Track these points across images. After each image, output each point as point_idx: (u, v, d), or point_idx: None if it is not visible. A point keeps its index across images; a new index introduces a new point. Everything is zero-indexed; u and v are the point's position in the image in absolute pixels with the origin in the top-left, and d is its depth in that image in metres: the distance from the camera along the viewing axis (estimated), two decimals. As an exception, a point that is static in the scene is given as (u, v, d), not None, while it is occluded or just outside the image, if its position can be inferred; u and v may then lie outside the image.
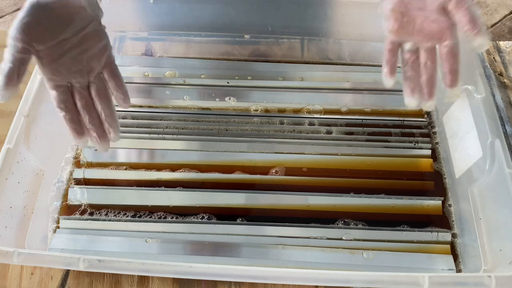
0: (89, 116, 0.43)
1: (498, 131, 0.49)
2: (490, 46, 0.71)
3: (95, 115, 0.43)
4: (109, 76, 0.44)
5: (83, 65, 0.42)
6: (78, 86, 0.42)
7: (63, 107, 0.42)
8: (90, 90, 0.43)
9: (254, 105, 0.63)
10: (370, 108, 0.63)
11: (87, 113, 0.43)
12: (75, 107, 0.43)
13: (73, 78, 0.42)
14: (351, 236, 0.51)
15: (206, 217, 0.53)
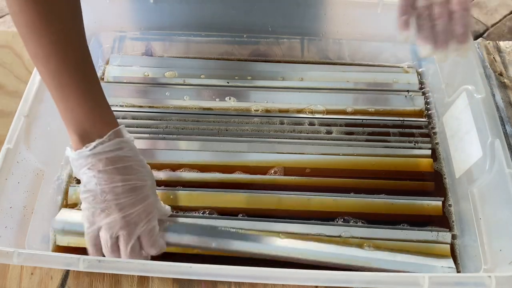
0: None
1: (498, 131, 0.49)
2: (490, 46, 0.71)
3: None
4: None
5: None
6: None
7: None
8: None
9: (254, 105, 0.63)
10: (370, 108, 0.63)
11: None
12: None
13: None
14: (350, 234, 0.51)
15: (207, 212, 0.53)
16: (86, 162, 0.41)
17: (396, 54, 0.68)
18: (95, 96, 0.42)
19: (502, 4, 1.65)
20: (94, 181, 0.41)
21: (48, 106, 0.54)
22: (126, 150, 0.42)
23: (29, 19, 0.37)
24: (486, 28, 1.58)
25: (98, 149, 0.40)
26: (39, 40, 0.38)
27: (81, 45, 0.41)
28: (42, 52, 0.39)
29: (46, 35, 0.38)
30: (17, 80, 0.65)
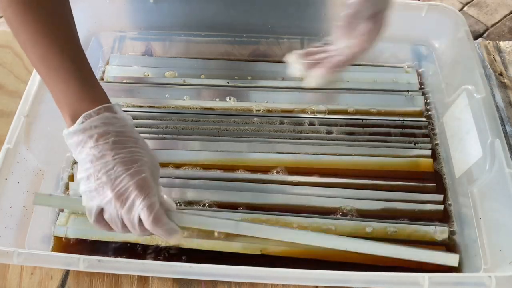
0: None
1: (498, 131, 0.49)
2: (490, 46, 0.71)
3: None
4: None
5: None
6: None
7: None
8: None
9: (254, 105, 0.63)
10: (370, 108, 0.63)
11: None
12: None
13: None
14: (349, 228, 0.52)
15: (207, 204, 0.54)
16: (78, 139, 0.40)
17: (396, 54, 0.68)
18: (83, 76, 0.42)
19: (502, 4, 1.65)
20: (88, 159, 0.40)
21: (48, 106, 0.54)
22: (118, 126, 0.41)
23: (18, 10, 0.40)
24: (486, 28, 1.58)
25: (86, 124, 0.40)
26: (28, 28, 0.40)
27: (68, 29, 0.42)
28: (30, 38, 0.41)
29: (35, 23, 0.40)
30: (17, 80, 0.65)
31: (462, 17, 0.60)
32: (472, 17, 1.61)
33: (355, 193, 0.55)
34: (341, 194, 0.55)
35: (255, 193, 0.54)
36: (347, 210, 0.54)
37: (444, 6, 0.62)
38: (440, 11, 0.62)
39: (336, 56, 0.43)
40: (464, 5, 1.66)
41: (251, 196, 0.54)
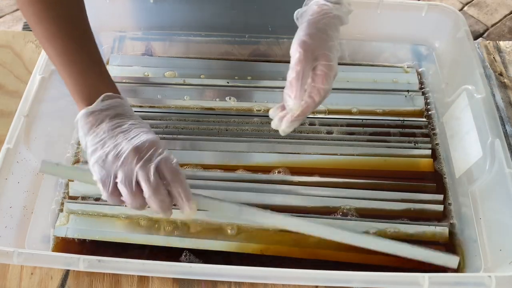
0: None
1: (498, 131, 0.49)
2: (490, 46, 0.71)
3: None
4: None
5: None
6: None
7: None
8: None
9: (254, 105, 0.63)
10: (370, 108, 0.63)
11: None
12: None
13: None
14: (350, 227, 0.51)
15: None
16: (87, 120, 0.42)
17: (396, 54, 0.68)
18: (98, 72, 0.45)
19: (502, 4, 1.65)
20: (102, 132, 0.42)
21: (48, 106, 0.54)
22: (123, 108, 0.44)
23: (36, 9, 0.43)
24: (486, 28, 1.59)
25: (106, 104, 0.43)
26: (47, 25, 0.43)
27: (84, 25, 0.45)
28: (49, 34, 0.43)
29: (53, 19, 0.43)
30: (17, 80, 0.65)
31: (462, 17, 0.60)
32: (472, 17, 1.61)
33: (355, 193, 0.55)
34: (341, 194, 0.55)
35: (255, 193, 0.54)
36: (347, 209, 0.54)
37: (444, 6, 0.62)
38: (440, 11, 0.62)
39: (293, 112, 0.46)
40: (464, 5, 1.66)
41: (251, 196, 0.54)
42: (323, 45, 0.46)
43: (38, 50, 0.68)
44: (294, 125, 0.48)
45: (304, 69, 0.44)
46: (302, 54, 0.44)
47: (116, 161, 0.40)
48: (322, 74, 0.45)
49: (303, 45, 0.44)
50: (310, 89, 0.46)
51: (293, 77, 0.44)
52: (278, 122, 0.49)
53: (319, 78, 0.45)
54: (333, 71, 0.46)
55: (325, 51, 0.45)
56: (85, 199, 0.54)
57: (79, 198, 0.55)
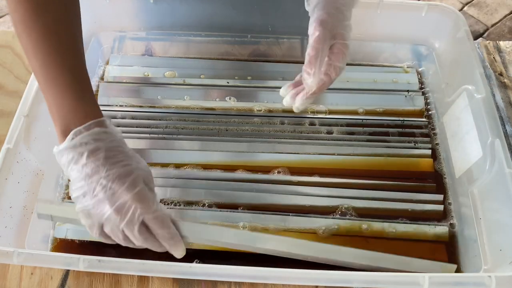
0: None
1: (498, 131, 0.49)
2: (490, 46, 0.71)
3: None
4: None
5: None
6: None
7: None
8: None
9: (254, 105, 0.63)
10: (370, 108, 0.63)
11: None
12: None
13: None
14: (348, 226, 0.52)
15: (207, 204, 0.54)
16: (69, 156, 0.40)
17: (396, 54, 0.68)
18: (80, 89, 0.41)
19: (502, 4, 1.65)
20: (81, 177, 0.39)
21: (48, 106, 0.54)
22: (108, 141, 0.41)
23: (23, 16, 0.39)
24: (486, 28, 1.58)
25: (77, 140, 0.39)
26: (31, 35, 0.39)
27: (72, 41, 0.41)
28: (32, 46, 0.39)
29: (37, 30, 0.39)
30: (17, 80, 0.65)
31: (462, 17, 0.60)
32: (472, 17, 1.61)
33: (354, 193, 0.55)
34: (340, 193, 0.55)
35: (255, 193, 0.54)
36: (345, 209, 0.54)
37: (444, 6, 0.62)
38: (440, 11, 0.62)
39: (310, 88, 0.49)
40: (464, 5, 1.66)
41: (251, 196, 0.54)
42: (340, 24, 0.47)
43: (38, 50, 0.68)
44: (308, 102, 0.50)
45: (323, 47, 0.46)
46: (322, 33, 0.45)
47: (100, 217, 0.40)
48: (339, 52, 0.47)
49: (323, 24, 0.46)
50: (326, 67, 0.48)
51: (313, 55, 0.46)
52: (291, 99, 0.50)
53: (336, 56, 0.47)
54: (348, 50, 0.48)
55: (342, 30, 0.47)
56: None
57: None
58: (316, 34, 0.46)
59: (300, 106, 0.50)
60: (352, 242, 0.51)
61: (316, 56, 0.46)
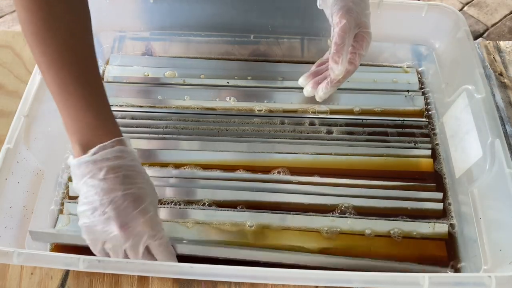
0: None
1: (498, 131, 0.49)
2: (490, 46, 0.71)
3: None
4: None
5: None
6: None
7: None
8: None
9: (254, 105, 0.63)
10: (370, 108, 0.63)
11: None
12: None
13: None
14: (348, 225, 0.52)
15: (207, 203, 0.54)
16: (87, 170, 0.39)
17: (396, 54, 0.68)
18: (99, 107, 0.41)
19: (502, 4, 1.65)
20: (94, 191, 0.39)
21: (48, 106, 0.54)
22: (128, 160, 0.40)
23: (35, 28, 0.38)
24: (486, 28, 1.58)
25: (99, 155, 0.39)
26: (45, 49, 0.38)
27: (86, 54, 0.40)
28: (47, 60, 0.38)
29: (51, 44, 0.38)
30: (17, 80, 0.65)
31: (462, 17, 0.60)
32: (472, 17, 1.61)
33: (354, 191, 0.55)
34: (340, 192, 0.55)
35: (254, 192, 0.54)
36: (345, 207, 0.54)
37: (444, 6, 0.62)
38: (440, 11, 0.62)
39: (337, 76, 0.49)
40: (464, 5, 1.66)
41: (251, 195, 0.54)
42: (363, 12, 0.49)
43: (38, 50, 0.68)
44: (332, 91, 0.51)
45: (349, 35, 0.47)
46: (348, 21, 0.46)
47: (105, 234, 0.40)
48: (363, 40, 0.48)
49: (349, 12, 0.47)
50: (351, 55, 0.48)
51: (340, 43, 0.46)
52: (312, 89, 0.52)
53: (360, 44, 0.48)
54: (371, 39, 0.49)
55: (365, 19, 0.48)
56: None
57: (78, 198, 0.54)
58: (343, 22, 0.46)
59: (324, 95, 0.51)
60: (354, 241, 0.51)
61: (342, 44, 0.46)
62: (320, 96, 0.51)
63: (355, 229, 0.52)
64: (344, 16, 0.46)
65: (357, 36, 0.48)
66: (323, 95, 0.51)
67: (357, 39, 0.48)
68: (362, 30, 0.48)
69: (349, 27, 0.46)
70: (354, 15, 0.47)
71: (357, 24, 0.47)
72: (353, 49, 0.48)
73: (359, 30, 0.48)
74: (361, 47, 0.48)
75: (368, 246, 0.51)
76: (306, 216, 0.52)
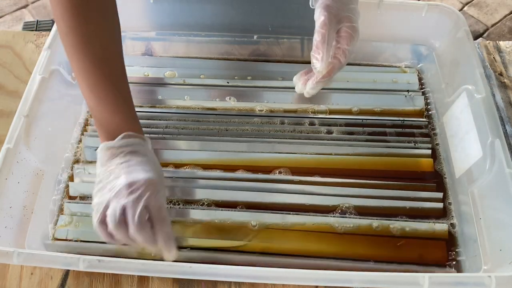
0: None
1: (498, 131, 0.49)
2: (490, 46, 0.71)
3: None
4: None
5: None
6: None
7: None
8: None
9: (254, 105, 0.63)
10: (370, 108, 0.63)
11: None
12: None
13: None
14: (347, 224, 0.52)
15: (206, 203, 0.54)
16: (106, 153, 0.44)
17: (396, 54, 0.68)
18: (125, 111, 0.46)
19: (502, 4, 1.65)
20: (106, 172, 0.43)
21: (48, 106, 0.54)
22: (146, 149, 0.46)
23: (75, 41, 0.43)
24: (486, 28, 1.58)
25: (124, 142, 0.44)
26: (83, 59, 0.43)
27: (118, 64, 0.46)
28: (84, 69, 0.44)
29: (88, 55, 0.43)
30: (17, 80, 0.65)
31: (462, 17, 0.60)
32: (472, 17, 1.61)
33: (354, 191, 0.55)
34: (340, 192, 0.55)
35: (254, 192, 0.54)
36: (345, 207, 0.54)
37: (444, 6, 0.62)
38: (440, 11, 0.62)
39: (320, 73, 0.50)
40: (464, 5, 1.66)
41: (251, 195, 0.54)
42: (345, 7, 0.48)
43: (38, 50, 0.68)
44: (318, 87, 0.52)
45: (329, 31, 0.47)
46: (327, 17, 0.46)
47: (110, 192, 0.41)
48: (347, 35, 0.48)
49: (327, 8, 0.47)
50: (335, 50, 0.49)
51: (319, 40, 0.47)
52: (302, 85, 0.53)
53: (344, 39, 0.48)
54: (357, 33, 0.49)
55: (348, 13, 0.48)
56: (84, 199, 0.54)
57: (77, 198, 0.55)
58: (321, 19, 0.47)
59: (311, 90, 0.52)
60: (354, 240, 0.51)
61: (322, 40, 0.47)
62: (307, 91, 0.53)
63: (355, 229, 0.52)
64: (322, 13, 0.47)
65: (341, 31, 0.48)
66: (309, 90, 0.52)
67: (341, 34, 0.48)
68: (345, 25, 0.48)
69: (328, 23, 0.47)
70: (333, 11, 0.47)
71: (338, 19, 0.48)
72: (337, 44, 0.49)
73: (342, 25, 0.48)
74: (345, 41, 0.48)
75: (368, 246, 0.51)
76: (306, 216, 0.52)
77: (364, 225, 0.52)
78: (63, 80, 0.57)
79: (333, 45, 0.49)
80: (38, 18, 1.58)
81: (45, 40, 0.60)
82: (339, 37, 0.48)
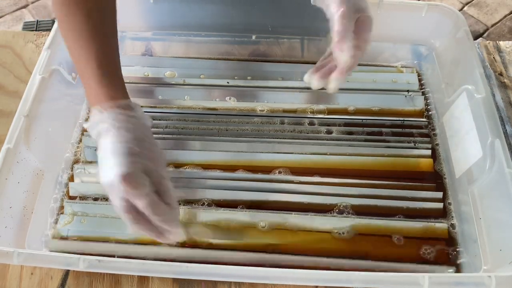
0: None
1: (498, 131, 0.49)
2: (490, 46, 0.71)
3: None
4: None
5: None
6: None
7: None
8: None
9: (255, 105, 0.63)
10: (370, 108, 0.63)
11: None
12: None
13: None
14: (346, 224, 0.52)
15: (206, 203, 0.54)
16: (103, 117, 0.43)
17: (396, 54, 0.68)
18: (119, 75, 0.47)
19: (502, 4, 1.65)
20: (110, 137, 0.42)
21: (48, 106, 0.54)
22: (139, 114, 0.45)
23: (72, 25, 0.45)
24: (486, 28, 1.58)
25: (115, 104, 0.43)
26: (79, 39, 0.45)
27: (114, 30, 0.47)
28: (81, 34, 0.45)
29: (82, 32, 0.44)
30: (17, 80, 0.65)
31: (462, 17, 0.60)
32: (472, 17, 1.61)
33: (353, 191, 0.55)
34: (339, 191, 0.55)
35: (254, 192, 0.54)
36: (343, 207, 0.54)
37: (444, 6, 0.62)
38: (440, 11, 0.62)
39: (346, 63, 0.48)
40: (464, 5, 1.66)
41: (251, 195, 0.54)
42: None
43: (38, 50, 0.68)
44: (342, 81, 0.50)
45: (349, 21, 0.46)
46: (347, 7, 0.46)
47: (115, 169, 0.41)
48: (364, 25, 0.48)
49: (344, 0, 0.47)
50: (355, 40, 0.47)
51: (342, 29, 0.46)
52: (319, 82, 0.50)
53: (362, 28, 0.48)
54: (372, 23, 0.49)
55: (362, 3, 0.48)
56: (84, 199, 0.54)
57: (77, 198, 0.55)
58: (341, 9, 0.46)
59: (336, 86, 0.50)
60: (353, 240, 0.51)
61: (345, 30, 0.46)
62: (332, 87, 0.50)
63: (355, 229, 0.52)
64: (343, 4, 0.47)
65: (358, 21, 0.48)
66: (335, 86, 0.50)
67: (359, 24, 0.48)
68: (363, 15, 0.48)
69: (349, 14, 0.47)
70: (352, 0, 0.47)
71: (356, 9, 0.48)
72: (356, 34, 0.48)
73: (359, 15, 0.48)
74: (364, 30, 0.48)
75: (368, 246, 0.51)
76: (307, 216, 0.52)
77: (364, 225, 0.52)
78: (63, 80, 0.57)
79: (352, 36, 0.48)
80: (38, 18, 1.58)
81: (45, 40, 0.60)
82: (357, 27, 0.48)
